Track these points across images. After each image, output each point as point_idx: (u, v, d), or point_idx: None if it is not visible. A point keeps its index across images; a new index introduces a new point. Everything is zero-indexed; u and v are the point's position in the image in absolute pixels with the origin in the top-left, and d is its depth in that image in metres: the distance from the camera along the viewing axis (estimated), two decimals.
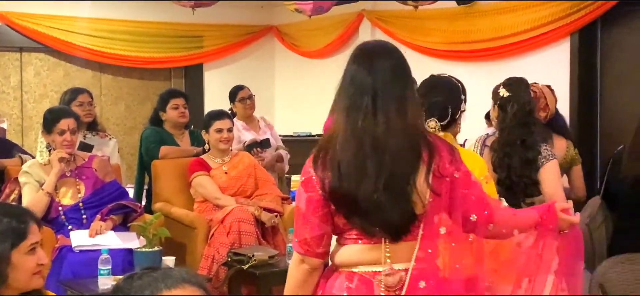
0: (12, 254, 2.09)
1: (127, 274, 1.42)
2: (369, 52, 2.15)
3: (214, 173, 4.92)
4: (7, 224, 2.11)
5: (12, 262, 2.09)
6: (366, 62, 2.11)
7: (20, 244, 2.11)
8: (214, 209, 4.81)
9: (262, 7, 8.89)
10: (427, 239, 2.07)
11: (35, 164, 4.40)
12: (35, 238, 2.16)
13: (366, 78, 2.08)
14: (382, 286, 2.06)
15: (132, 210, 4.52)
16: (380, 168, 2.01)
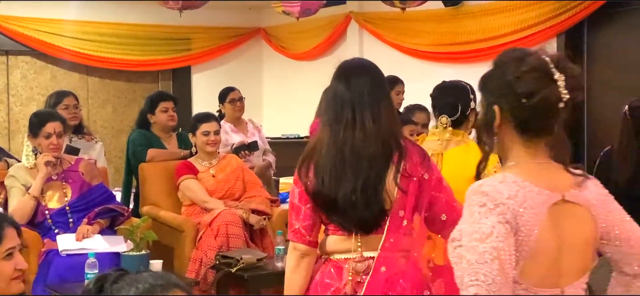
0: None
1: (97, 276, 1.38)
2: (348, 70, 2.47)
3: (201, 176, 4.91)
4: None
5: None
6: (345, 80, 2.42)
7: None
8: (202, 212, 4.80)
9: (249, 9, 8.89)
10: (392, 231, 2.35)
11: (21, 167, 4.38)
12: (11, 243, 2.13)
13: (345, 94, 2.39)
14: (351, 271, 2.37)
15: (119, 214, 4.50)
16: (358, 173, 2.31)
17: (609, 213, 1.79)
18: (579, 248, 1.76)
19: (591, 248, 1.79)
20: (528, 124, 1.74)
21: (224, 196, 4.90)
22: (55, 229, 4.27)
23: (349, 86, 2.39)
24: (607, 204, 1.80)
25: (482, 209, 1.64)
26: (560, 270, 1.74)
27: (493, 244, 1.60)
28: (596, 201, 1.78)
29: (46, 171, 4.25)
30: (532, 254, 1.67)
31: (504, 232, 1.62)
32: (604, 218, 1.78)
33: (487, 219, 1.63)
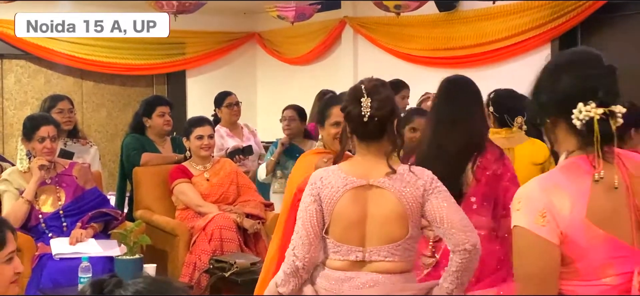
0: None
1: (93, 281, 1.37)
2: (452, 86, 3.13)
3: (195, 180, 4.90)
4: None
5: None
6: (446, 92, 3.12)
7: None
8: (196, 217, 4.79)
9: (244, 14, 8.90)
10: (464, 210, 2.62)
11: (15, 171, 4.36)
12: (12, 247, 2.15)
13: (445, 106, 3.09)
14: (430, 241, 2.93)
15: (113, 218, 4.49)
16: (444, 162, 2.85)
17: (429, 200, 2.38)
18: (379, 220, 2.39)
19: (394, 223, 2.38)
20: (354, 132, 2.48)
21: (217, 200, 4.90)
22: (48, 233, 4.26)
23: (449, 98, 3.07)
24: (428, 193, 2.38)
25: (306, 189, 2.50)
26: (363, 233, 2.40)
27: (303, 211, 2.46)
28: (407, 188, 2.38)
29: (40, 175, 4.24)
30: (333, 219, 2.41)
31: (309, 202, 2.46)
32: (412, 202, 2.38)
33: (305, 196, 2.49)
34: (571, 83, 1.84)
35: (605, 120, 1.80)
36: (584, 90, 1.82)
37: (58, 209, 4.32)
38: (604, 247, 1.80)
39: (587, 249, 1.79)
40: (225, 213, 4.72)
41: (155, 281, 1.36)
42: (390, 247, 2.38)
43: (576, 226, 1.78)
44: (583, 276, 1.81)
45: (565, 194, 1.79)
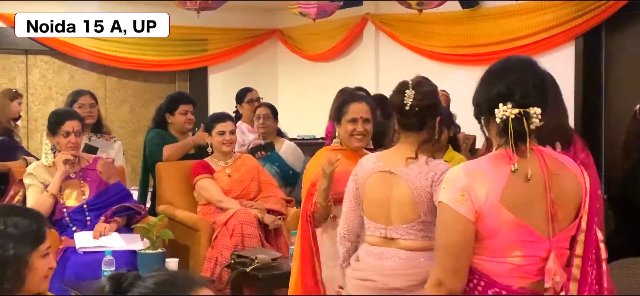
0: (32, 256, 2.10)
1: (112, 275, 1.38)
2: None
3: (217, 176, 4.93)
4: (28, 226, 2.10)
5: (30, 264, 2.09)
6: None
7: (39, 247, 2.12)
8: (217, 212, 4.82)
9: (266, 11, 8.92)
10: None
11: (40, 166, 4.41)
12: (49, 242, 2.18)
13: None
14: None
15: (136, 212, 4.53)
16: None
17: (435, 191, 2.54)
18: (397, 202, 2.66)
19: (407, 206, 2.63)
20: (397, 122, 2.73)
21: (239, 195, 4.92)
22: (72, 227, 4.30)
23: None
24: (435, 184, 2.57)
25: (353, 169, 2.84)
26: (388, 213, 2.68)
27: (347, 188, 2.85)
28: (419, 178, 2.61)
29: (64, 170, 4.29)
30: (364, 199, 2.75)
31: (351, 180, 2.83)
32: (420, 190, 2.60)
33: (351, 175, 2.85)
34: (497, 87, 2.11)
35: (520, 119, 2.05)
36: (504, 93, 2.09)
37: (82, 203, 4.36)
38: (513, 230, 2.05)
39: (497, 229, 2.05)
40: (247, 209, 4.74)
41: (173, 275, 1.37)
42: (406, 227, 2.65)
43: (490, 208, 2.04)
44: (492, 253, 2.07)
45: (485, 179, 2.06)
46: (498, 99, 2.08)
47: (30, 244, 2.10)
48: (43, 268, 2.14)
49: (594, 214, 2.14)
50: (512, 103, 2.06)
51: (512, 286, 2.05)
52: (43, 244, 2.13)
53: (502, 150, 2.10)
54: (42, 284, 2.17)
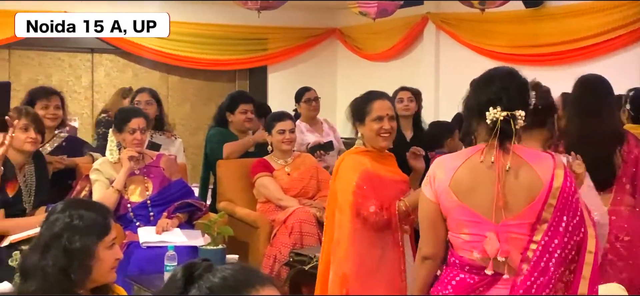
0: (98, 247, 2.15)
1: (186, 264, 1.40)
2: (593, 83, 3.64)
3: (276, 174, 4.96)
4: (93, 219, 2.17)
5: (97, 256, 2.15)
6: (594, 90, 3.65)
7: (105, 238, 2.18)
8: (277, 210, 4.85)
9: (326, 10, 8.94)
10: (618, 191, 3.49)
11: (105, 162, 4.51)
12: (115, 234, 2.24)
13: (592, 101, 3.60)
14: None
15: (197, 208, 4.59)
16: (597, 148, 3.40)
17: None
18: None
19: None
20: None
21: (298, 194, 4.94)
22: (136, 222, 4.39)
23: (594, 93, 3.57)
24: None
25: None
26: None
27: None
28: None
29: (129, 166, 4.38)
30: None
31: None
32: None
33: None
34: (486, 93, 2.42)
35: (508, 120, 2.37)
36: (493, 99, 2.39)
37: (146, 199, 4.44)
38: (459, 211, 2.43)
39: (449, 209, 2.45)
40: (305, 207, 4.76)
41: (244, 269, 1.39)
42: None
43: (442, 191, 2.45)
44: (451, 229, 2.47)
45: (445, 167, 2.46)
46: (488, 103, 2.39)
47: (96, 236, 2.15)
48: (109, 259, 2.19)
49: (571, 211, 2.35)
50: (500, 107, 2.37)
51: (463, 258, 2.43)
52: (108, 236, 2.19)
53: (478, 145, 2.46)
54: (109, 275, 2.22)
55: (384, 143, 3.27)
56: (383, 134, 3.25)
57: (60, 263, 2.11)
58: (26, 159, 4.10)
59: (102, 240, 2.16)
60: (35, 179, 4.12)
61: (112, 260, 2.21)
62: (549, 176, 2.37)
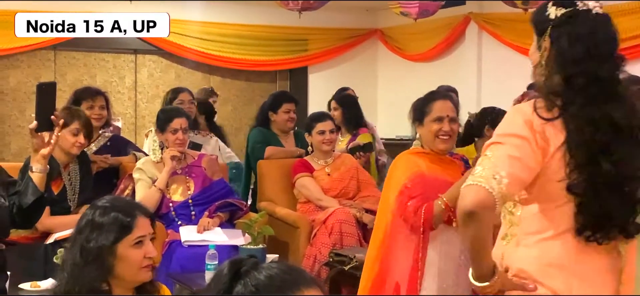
0: (118, 246, 2.12)
1: (233, 260, 1.41)
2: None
3: (316, 175, 4.97)
4: (114, 218, 2.13)
5: (118, 254, 2.12)
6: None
7: (126, 237, 2.13)
8: (317, 210, 4.86)
9: (366, 11, 8.92)
10: None
11: (148, 161, 4.57)
12: (142, 231, 2.16)
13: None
14: None
15: (238, 208, 4.62)
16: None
17: None
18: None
19: None
20: None
21: (338, 194, 4.94)
22: (178, 221, 4.43)
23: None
24: None
25: None
26: None
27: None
28: None
29: (172, 165, 4.43)
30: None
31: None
32: None
33: None
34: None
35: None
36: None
37: (187, 198, 4.49)
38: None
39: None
40: (345, 208, 4.76)
41: (289, 269, 1.40)
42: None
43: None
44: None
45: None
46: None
47: (115, 234, 2.11)
48: (136, 258, 2.14)
49: None
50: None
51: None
52: (131, 235, 2.13)
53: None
54: (139, 274, 2.16)
55: (442, 146, 3.06)
56: (442, 136, 3.05)
57: (77, 260, 2.10)
58: (71, 158, 4.17)
59: (122, 240, 2.12)
60: (79, 178, 4.19)
61: (140, 258, 2.15)
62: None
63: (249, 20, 8.46)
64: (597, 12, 2.06)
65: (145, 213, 2.21)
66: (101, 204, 2.19)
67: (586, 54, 2.00)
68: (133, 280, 2.17)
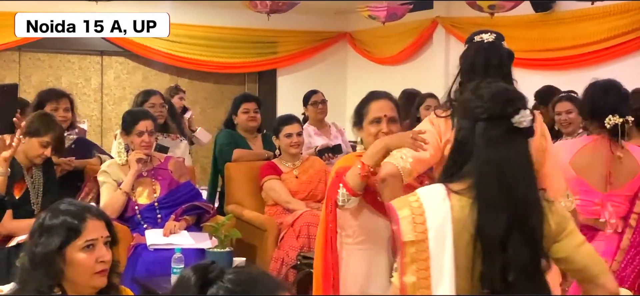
0: (66, 250, 2.06)
1: (197, 266, 1.40)
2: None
3: (284, 177, 4.97)
4: (62, 221, 2.08)
5: (67, 258, 2.06)
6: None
7: (74, 241, 2.07)
8: (285, 213, 4.85)
9: (335, 14, 8.94)
10: None
11: (113, 164, 4.52)
12: (93, 234, 2.10)
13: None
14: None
15: (205, 211, 4.59)
16: None
17: None
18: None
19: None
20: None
21: (306, 197, 4.94)
22: (144, 224, 4.39)
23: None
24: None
25: None
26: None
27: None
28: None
29: (137, 168, 4.38)
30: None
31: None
32: None
33: None
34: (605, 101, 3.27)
35: (622, 124, 3.18)
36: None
37: (153, 201, 4.45)
38: (575, 182, 3.12)
39: (567, 180, 2.98)
40: (313, 210, 4.76)
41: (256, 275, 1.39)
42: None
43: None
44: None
45: (566, 150, 3.32)
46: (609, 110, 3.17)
47: (62, 238, 2.06)
48: (87, 262, 2.08)
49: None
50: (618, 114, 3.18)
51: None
52: (80, 238, 2.08)
53: (594, 136, 3.31)
54: (93, 279, 2.10)
55: None
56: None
57: (26, 265, 2.07)
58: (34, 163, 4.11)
59: (70, 244, 2.07)
60: (43, 181, 4.13)
61: (92, 262, 2.08)
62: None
63: (218, 22, 8.42)
64: (488, 41, 2.84)
65: (98, 216, 2.15)
66: (53, 207, 2.15)
67: (470, 68, 2.77)
68: (87, 285, 2.11)
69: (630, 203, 3.18)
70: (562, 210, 2.10)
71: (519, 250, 1.88)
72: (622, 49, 6.15)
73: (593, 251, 2.05)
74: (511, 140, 1.95)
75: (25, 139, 3.97)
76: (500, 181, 1.91)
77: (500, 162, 1.93)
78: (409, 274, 1.91)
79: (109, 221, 2.19)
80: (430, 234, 1.90)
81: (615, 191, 3.18)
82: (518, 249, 1.88)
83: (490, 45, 2.81)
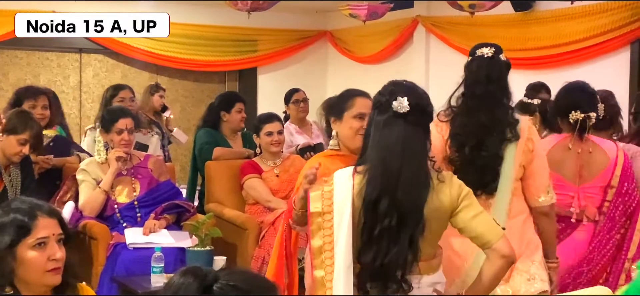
0: (17, 249, 2.03)
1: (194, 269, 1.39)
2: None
3: (265, 176, 4.95)
4: (12, 219, 2.05)
5: (18, 257, 2.04)
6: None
7: (24, 239, 2.04)
8: (265, 212, 4.84)
9: (316, 12, 8.93)
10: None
11: (92, 162, 4.49)
12: (44, 232, 2.07)
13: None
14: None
15: (185, 210, 4.58)
16: None
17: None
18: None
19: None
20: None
21: (287, 196, 4.92)
22: (123, 223, 4.37)
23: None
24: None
25: None
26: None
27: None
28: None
29: (117, 166, 4.36)
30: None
31: None
32: None
33: None
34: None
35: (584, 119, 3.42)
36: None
37: (133, 200, 4.42)
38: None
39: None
40: None
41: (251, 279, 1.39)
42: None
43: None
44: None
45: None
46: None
47: (12, 236, 2.03)
48: (37, 261, 2.05)
49: (629, 178, 3.41)
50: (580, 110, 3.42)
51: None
52: (30, 236, 2.04)
53: (565, 133, 3.50)
54: (44, 277, 2.07)
55: (360, 144, 2.71)
56: (362, 133, 2.76)
57: None
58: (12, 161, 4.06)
59: (20, 242, 2.03)
60: (20, 179, 4.09)
61: (43, 261, 2.05)
62: (614, 155, 3.38)
63: (198, 20, 8.38)
64: (488, 56, 3.12)
65: (50, 214, 2.11)
66: (4, 205, 2.11)
67: (474, 80, 3.08)
68: (39, 284, 2.08)
69: (604, 193, 3.40)
70: (459, 188, 2.42)
71: (386, 211, 2.30)
72: (602, 48, 6.20)
73: (489, 221, 2.42)
74: (394, 124, 2.36)
75: (3, 137, 3.94)
76: (379, 156, 2.34)
77: (381, 141, 2.37)
78: (317, 238, 2.38)
79: (61, 217, 2.16)
80: (335, 207, 2.36)
81: (588, 184, 3.40)
82: (386, 210, 2.30)
83: (491, 60, 3.12)
